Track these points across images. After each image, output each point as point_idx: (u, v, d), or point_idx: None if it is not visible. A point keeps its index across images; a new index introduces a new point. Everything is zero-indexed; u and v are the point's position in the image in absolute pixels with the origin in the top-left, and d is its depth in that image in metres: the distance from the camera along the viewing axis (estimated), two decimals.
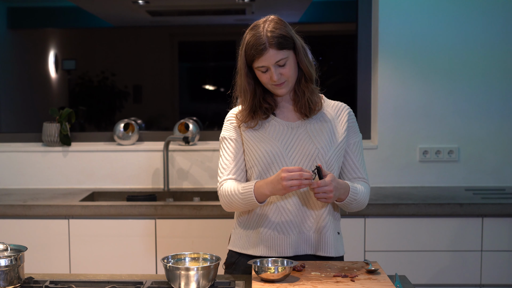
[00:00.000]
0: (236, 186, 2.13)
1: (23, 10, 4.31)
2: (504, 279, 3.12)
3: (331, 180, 2.03)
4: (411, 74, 3.55)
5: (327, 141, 2.16)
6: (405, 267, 3.07)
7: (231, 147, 2.21)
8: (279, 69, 2.10)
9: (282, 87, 2.14)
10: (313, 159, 2.13)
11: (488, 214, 3.09)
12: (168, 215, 3.15)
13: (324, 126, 2.19)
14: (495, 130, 3.56)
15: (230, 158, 2.20)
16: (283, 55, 2.09)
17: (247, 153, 2.19)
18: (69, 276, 2.12)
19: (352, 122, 2.23)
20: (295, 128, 2.18)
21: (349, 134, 2.22)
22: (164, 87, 4.59)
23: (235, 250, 2.26)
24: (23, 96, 4.34)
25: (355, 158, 2.22)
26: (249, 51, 2.10)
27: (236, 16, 4.54)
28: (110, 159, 3.65)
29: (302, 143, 2.15)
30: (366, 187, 2.22)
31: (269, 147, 2.15)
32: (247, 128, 2.20)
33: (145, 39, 4.57)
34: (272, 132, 2.17)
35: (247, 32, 2.14)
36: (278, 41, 2.07)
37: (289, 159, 2.14)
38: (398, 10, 3.52)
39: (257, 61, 2.10)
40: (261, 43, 2.07)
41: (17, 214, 3.16)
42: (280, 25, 2.11)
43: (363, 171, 2.24)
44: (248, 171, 2.20)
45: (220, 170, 2.21)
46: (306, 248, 2.18)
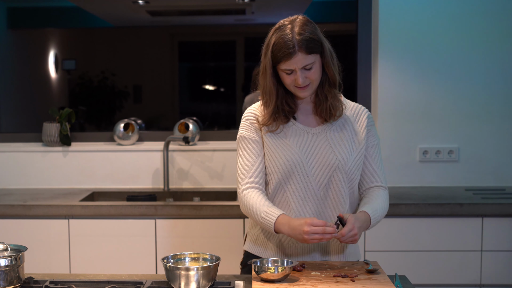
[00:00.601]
0: (260, 206, 2.08)
1: (23, 10, 4.32)
2: (504, 279, 3.12)
3: (353, 223, 1.99)
4: (411, 74, 3.55)
5: (347, 150, 2.12)
6: (405, 267, 3.07)
7: (252, 148, 2.15)
8: (305, 72, 2.04)
9: (306, 90, 2.08)
10: (333, 169, 2.10)
11: (488, 214, 3.09)
12: (168, 215, 3.15)
13: (344, 133, 2.15)
14: (495, 130, 3.56)
15: (251, 160, 2.14)
16: (311, 59, 2.03)
17: (267, 159, 2.15)
18: (69, 276, 2.12)
19: (370, 125, 2.19)
20: (315, 135, 2.14)
21: (368, 137, 2.18)
22: (164, 87, 4.59)
23: (251, 252, 2.25)
24: (23, 96, 4.34)
25: (373, 162, 2.18)
26: (276, 52, 2.04)
27: (236, 16, 4.54)
28: (110, 159, 3.65)
29: (322, 152, 2.12)
30: (384, 198, 2.17)
31: (290, 155, 2.11)
32: (268, 132, 2.14)
33: (145, 39, 4.57)
34: (292, 137, 2.13)
35: (273, 31, 2.07)
36: (308, 45, 2.01)
37: (309, 168, 2.11)
38: (398, 10, 3.52)
39: (283, 63, 2.04)
40: (289, 46, 2.00)
41: (17, 214, 3.16)
42: (310, 28, 2.05)
43: (382, 177, 2.19)
44: (267, 176, 2.17)
45: (240, 172, 2.16)
46: (322, 255, 2.18)
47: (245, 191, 2.13)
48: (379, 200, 2.15)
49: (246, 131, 2.17)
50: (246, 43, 4.57)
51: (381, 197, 2.16)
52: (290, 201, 2.14)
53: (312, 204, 2.13)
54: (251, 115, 2.18)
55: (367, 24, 3.66)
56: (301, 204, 2.13)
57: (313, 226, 1.96)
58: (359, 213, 2.09)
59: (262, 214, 2.07)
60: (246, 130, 2.17)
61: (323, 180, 2.12)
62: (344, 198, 2.14)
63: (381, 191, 2.19)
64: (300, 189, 2.12)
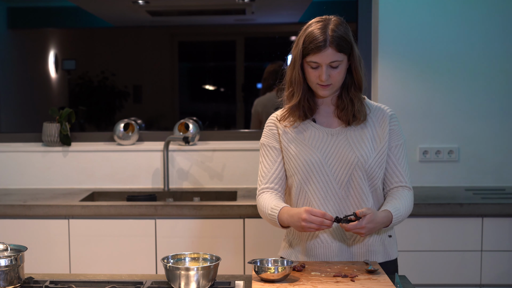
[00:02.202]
0: (268, 204, 2.15)
1: (23, 10, 4.32)
2: (504, 279, 3.12)
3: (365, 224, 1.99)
4: (411, 74, 3.55)
5: (368, 149, 2.13)
6: (405, 267, 3.07)
7: (270, 155, 2.21)
8: (330, 70, 2.07)
9: (327, 89, 2.11)
10: (353, 167, 2.11)
11: (488, 214, 3.09)
12: (168, 215, 3.15)
13: (364, 132, 2.16)
14: (495, 130, 3.56)
15: (268, 167, 2.21)
16: (339, 58, 2.06)
17: (286, 161, 2.18)
18: (69, 276, 2.12)
19: (394, 125, 2.19)
20: (335, 135, 2.15)
21: (392, 137, 2.18)
22: (164, 87, 4.59)
23: (284, 257, 2.28)
24: (23, 96, 4.34)
25: (397, 162, 2.18)
26: (307, 43, 2.07)
27: (236, 16, 4.54)
28: (110, 159, 3.65)
29: (342, 151, 2.13)
30: (408, 198, 2.17)
31: (309, 156, 2.13)
32: (285, 128, 2.18)
33: (145, 39, 4.57)
34: (311, 139, 2.15)
35: (307, 26, 2.11)
36: (339, 42, 2.05)
37: (329, 167, 2.12)
38: (398, 10, 3.52)
39: (312, 55, 2.06)
40: (321, 40, 2.04)
41: (17, 214, 3.16)
42: (343, 27, 2.09)
43: (406, 177, 2.19)
44: (289, 179, 2.20)
45: (259, 177, 2.23)
46: (352, 256, 2.18)
47: (260, 195, 2.21)
48: (403, 200, 2.15)
49: (266, 138, 2.24)
50: (246, 43, 4.57)
51: (404, 197, 2.16)
52: (312, 201, 2.15)
53: (334, 203, 2.14)
54: (271, 122, 2.25)
55: (367, 24, 3.66)
56: (323, 203, 2.14)
57: (311, 214, 1.99)
58: (381, 213, 2.08)
59: (269, 210, 2.13)
60: (266, 137, 2.24)
61: (344, 179, 2.13)
62: (366, 197, 2.14)
63: (405, 191, 2.18)
64: (321, 189, 2.14)
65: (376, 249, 2.20)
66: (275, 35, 4.66)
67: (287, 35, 4.53)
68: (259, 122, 4.04)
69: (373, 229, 2.04)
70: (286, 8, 4.43)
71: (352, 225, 2.00)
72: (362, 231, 2.02)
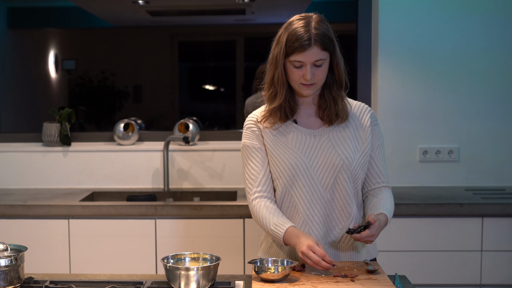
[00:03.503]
0: (269, 218, 2.09)
1: (23, 10, 4.32)
2: (504, 279, 3.12)
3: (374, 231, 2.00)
4: (411, 74, 3.55)
5: (351, 150, 2.12)
6: (405, 267, 3.07)
7: (256, 156, 2.15)
8: (314, 68, 2.04)
9: (310, 88, 2.07)
10: (338, 170, 2.10)
11: (488, 214, 3.09)
12: (168, 215, 3.15)
13: (347, 132, 2.14)
14: (495, 130, 3.56)
15: (256, 169, 2.15)
16: (323, 56, 2.03)
17: (271, 164, 2.15)
18: (69, 276, 2.12)
19: (374, 124, 2.17)
20: (317, 136, 2.13)
21: (373, 137, 2.17)
22: (164, 87, 4.59)
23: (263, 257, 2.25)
24: (23, 96, 4.34)
25: (378, 162, 2.18)
26: (291, 42, 2.02)
27: (236, 16, 4.54)
28: (110, 159, 3.65)
29: (326, 153, 2.11)
30: (391, 197, 2.19)
31: (293, 158, 2.10)
32: (266, 129, 2.14)
33: (145, 39, 4.57)
34: (294, 141, 2.12)
35: (287, 25, 2.07)
36: (323, 40, 2.02)
37: (313, 170, 2.10)
38: (398, 10, 3.52)
39: (296, 55, 2.02)
40: (305, 38, 2.00)
41: (17, 214, 3.16)
42: (325, 25, 2.06)
43: (386, 176, 2.20)
44: (274, 181, 2.17)
45: (248, 181, 2.16)
46: (335, 256, 2.18)
47: (254, 201, 2.15)
48: (389, 201, 2.16)
49: (248, 139, 2.17)
50: (246, 43, 4.57)
51: (388, 198, 2.17)
52: (298, 205, 2.13)
53: (319, 207, 2.13)
54: (251, 122, 2.18)
55: (367, 24, 3.66)
56: (309, 207, 2.12)
57: (311, 251, 1.96)
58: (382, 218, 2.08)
59: (272, 226, 2.08)
60: (248, 139, 2.17)
61: (329, 182, 2.11)
62: (350, 199, 2.14)
63: (388, 191, 2.20)
64: (307, 192, 2.12)
65: (360, 249, 2.20)
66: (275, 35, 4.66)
67: None
68: None
69: (378, 234, 2.06)
70: (286, 8, 4.43)
71: (365, 234, 2.00)
72: (372, 239, 2.02)
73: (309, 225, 2.13)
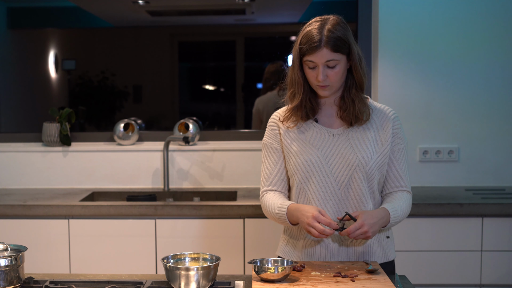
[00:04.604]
0: (274, 203, 2.16)
1: (23, 10, 4.32)
2: (504, 279, 3.12)
3: (363, 220, 2.02)
4: (411, 73, 3.55)
5: (370, 150, 2.13)
6: (405, 267, 3.07)
7: (271, 156, 2.22)
8: (327, 70, 2.07)
9: (326, 89, 2.11)
10: (353, 169, 2.11)
11: (488, 214, 3.09)
12: (168, 215, 3.15)
13: (367, 133, 2.15)
14: (495, 130, 3.56)
15: (270, 168, 2.22)
16: (335, 57, 2.06)
17: (287, 161, 2.19)
18: (69, 276, 2.12)
19: (397, 128, 2.18)
20: (336, 136, 2.15)
21: (394, 140, 2.18)
22: (164, 87, 4.59)
23: (282, 256, 2.28)
24: (23, 96, 4.34)
25: (399, 166, 2.18)
26: (303, 44, 2.08)
27: (236, 16, 4.54)
28: (110, 159, 3.65)
29: (343, 152, 2.13)
30: (407, 199, 2.18)
31: (309, 155, 2.13)
32: (287, 129, 2.19)
33: (145, 39, 4.57)
34: (312, 138, 2.15)
35: (305, 26, 2.11)
36: (335, 42, 2.05)
37: (329, 167, 2.12)
38: (398, 10, 3.52)
39: (308, 55, 2.07)
40: (316, 40, 2.04)
41: (17, 214, 3.16)
42: (341, 27, 2.09)
43: (406, 180, 2.20)
44: (290, 179, 2.21)
45: (262, 178, 2.25)
46: (349, 257, 2.18)
47: (263, 196, 2.23)
48: (402, 201, 2.16)
49: (268, 138, 2.25)
50: (246, 43, 4.57)
51: (403, 199, 2.17)
52: (311, 201, 2.15)
53: (333, 204, 2.14)
54: (273, 121, 2.25)
55: (367, 24, 3.66)
56: (322, 204, 2.14)
57: (317, 219, 2.00)
58: (376, 209, 2.10)
59: (276, 210, 2.14)
60: (268, 137, 2.25)
61: (344, 180, 2.13)
62: (365, 198, 2.14)
63: (405, 194, 2.19)
64: (321, 189, 2.13)
65: (374, 250, 2.19)
66: (275, 35, 4.66)
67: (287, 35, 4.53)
68: (260, 121, 4.04)
69: (374, 224, 2.04)
70: (286, 8, 4.43)
71: (353, 227, 2.01)
72: (365, 228, 2.01)
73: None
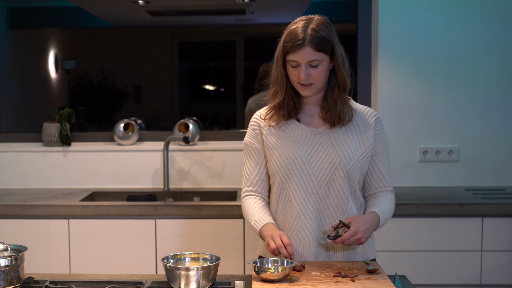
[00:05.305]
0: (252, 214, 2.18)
1: (23, 10, 4.32)
2: (504, 279, 3.12)
3: (357, 227, 2.03)
4: (411, 74, 3.55)
5: (351, 150, 2.13)
6: (405, 267, 3.07)
7: (252, 156, 2.22)
8: (309, 69, 2.07)
9: (308, 89, 2.11)
10: (334, 167, 2.12)
11: (488, 214, 3.09)
12: (168, 215, 3.15)
13: (349, 134, 2.16)
14: (495, 130, 3.56)
15: (251, 168, 2.22)
16: (317, 57, 2.06)
17: (269, 159, 2.19)
18: (69, 276, 2.12)
19: (379, 129, 2.19)
20: (318, 135, 2.15)
21: (376, 141, 2.18)
22: (164, 87, 4.59)
23: (263, 255, 2.27)
24: (23, 96, 4.34)
25: (381, 167, 2.20)
26: (286, 42, 2.09)
27: (236, 16, 4.54)
28: (110, 159, 3.65)
29: (324, 151, 2.13)
30: (391, 200, 2.21)
31: (290, 153, 2.13)
32: (269, 130, 2.19)
33: (145, 39, 4.57)
34: (294, 137, 2.16)
35: (292, 23, 2.12)
36: (318, 42, 2.05)
37: (310, 166, 2.13)
38: (398, 10, 3.52)
39: (291, 54, 2.07)
40: (299, 38, 2.05)
41: (17, 214, 3.16)
42: (325, 27, 2.08)
43: (389, 180, 2.23)
44: (271, 177, 2.21)
45: (243, 178, 2.26)
46: (331, 256, 2.18)
47: (244, 199, 2.25)
48: (388, 203, 2.19)
49: (249, 138, 2.25)
50: (246, 43, 4.57)
51: (388, 200, 2.20)
52: (292, 199, 2.15)
53: (313, 202, 2.14)
54: (254, 121, 2.24)
55: (367, 24, 3.66)
56: (303, 202, 2.14)
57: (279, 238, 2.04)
58: (367, 214, 2.12)
59: (252, 222, 2.17)
60: (249, 137, 2.25)
61: (325, 179, 2.13)
62: (346, 197, 2.14)
63: (388, 194, 2.22)
64: (302, 188, 2.13)
65: (355, 249, 2.19)
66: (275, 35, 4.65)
67: None
68: None
69: (367, 230, 2.06)
70: (286, 8, 4.43)
71: (347, 235, 2.03)
72: (359, 235, 2.03)
73: (302, 219, 2.14)
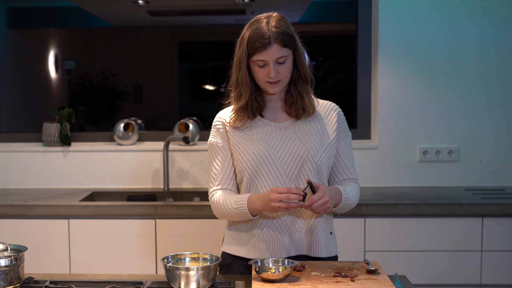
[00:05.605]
0: (229, 199, 2.13)
1: (23, 10, 4.31)
2: (504, 279, 3.12)
3: (324, 190, 2.03)
4: (411, 74, 3.55)
5: (317, 142, 2.15)
6: (405, 267, 3.07)
7: (219, 155, 2.21)
8: (277, 66, 2.09)
9: (276, 86, 2.12)
10: (302, 160, 2.12)
11: (488, 214, 3.10)
12: (168, 215, 3.15)
13: (313, 126, 2.18)
14: (495, 130, 3.56)
15: (219, 168, 2.20)
16: (284, 53, 2.08)
17: (235, 157, 2.18)
18: (69, 276, 2.12)
19: (341, 122, 2.23)
20: (283, 129, 2.17)
21: (340, 134, 2.21)
22: (164, 87, 4.59)
23: (229, 252, 2.25)
24: (23, 96, 4.34)
25: (346, 159, 2.23)
26: (252, 43, 2.08)
27: (236, 16, 4.54)
28: (110, 159, 3.65)
29: (291, 144, 2.14)
30: (356, 188, 2.23)
31: (257, 149, 2.13)
32: (234, 129, 2.18)
33: (145, 39, 4.56)
34: (259, 133, 2.16)
35: (249, 25, 2.13)
36: (283, 38, 2.07)
37: (278, 160, 2.13)
38: (398, 10, 3.52)
39: (258, 54, 2.07)
40: (266, 37, 2.05)
41: (17, 214, 3.16)
42: (285, 23, 2.11)
43: (354, 172, 2.25)
44: (238, 175, 2.19)
45: (210, 179, 2.23)
46: (298, 249, 2.18)
47: (213, 196, 2.19)
48: (352, 188, 2.20)
49: (214, 137, 2.24)
50: None
51: (353, 187, 2.22)
52: None
53: None
54: (218, 122, 2.24)
55: (367, 24, 3.66)
56: None
57: (277, 193, 2.00)
58: (332, 186, 2.14)
59: (233, 205, 2.11)
60: (214, 137, 2.24)
61: (293, 172, 2.14)
62: None
63: (352, 183, 2.24)
64: (271, 182, 2.13)
65: (321, 243, 2.17)
66: None
67: None
68: None
69: (332, 197, 2.05)
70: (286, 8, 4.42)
71: (316, 196, 2.00)
72: (326, 198, 2.01)
73: (273, 215, 2.14)
